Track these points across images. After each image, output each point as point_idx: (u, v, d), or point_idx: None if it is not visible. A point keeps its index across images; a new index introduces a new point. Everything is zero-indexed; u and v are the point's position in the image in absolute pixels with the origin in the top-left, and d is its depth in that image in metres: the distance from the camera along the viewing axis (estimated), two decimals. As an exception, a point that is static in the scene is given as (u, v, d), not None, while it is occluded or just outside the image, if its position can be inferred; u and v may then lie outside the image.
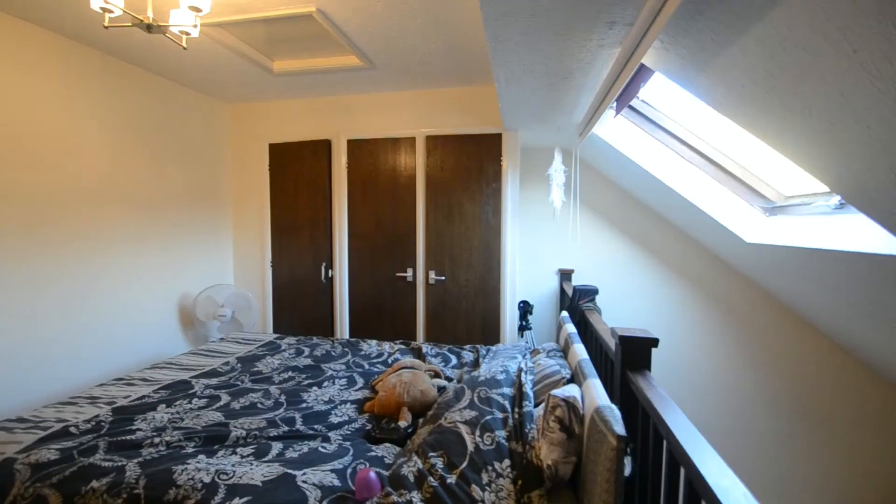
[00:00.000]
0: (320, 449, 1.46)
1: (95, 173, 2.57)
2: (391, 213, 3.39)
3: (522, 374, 1.63)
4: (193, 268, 3.37)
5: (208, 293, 3.21)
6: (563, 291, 3.32)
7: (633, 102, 2.51)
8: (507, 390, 1.54)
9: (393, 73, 2.93)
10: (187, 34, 1.90)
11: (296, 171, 3.56)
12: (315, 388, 2.03)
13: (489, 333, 3.20)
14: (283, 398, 1.90)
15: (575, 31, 1.54)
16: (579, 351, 1.73)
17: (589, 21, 1.44)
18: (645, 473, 1.22)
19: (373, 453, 1.45)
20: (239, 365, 2.31)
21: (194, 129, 3.34)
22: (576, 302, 2.45)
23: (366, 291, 3.48)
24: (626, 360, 1.47)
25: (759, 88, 1.25)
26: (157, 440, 1.49)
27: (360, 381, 2.13)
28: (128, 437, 1.50)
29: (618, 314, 3.24)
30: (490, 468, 1.25)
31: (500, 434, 1.35)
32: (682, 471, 0.93)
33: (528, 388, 1.53)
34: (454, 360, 2.39)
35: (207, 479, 1.24)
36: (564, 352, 1.99)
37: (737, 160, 2.31)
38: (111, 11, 1.67)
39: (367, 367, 2.35)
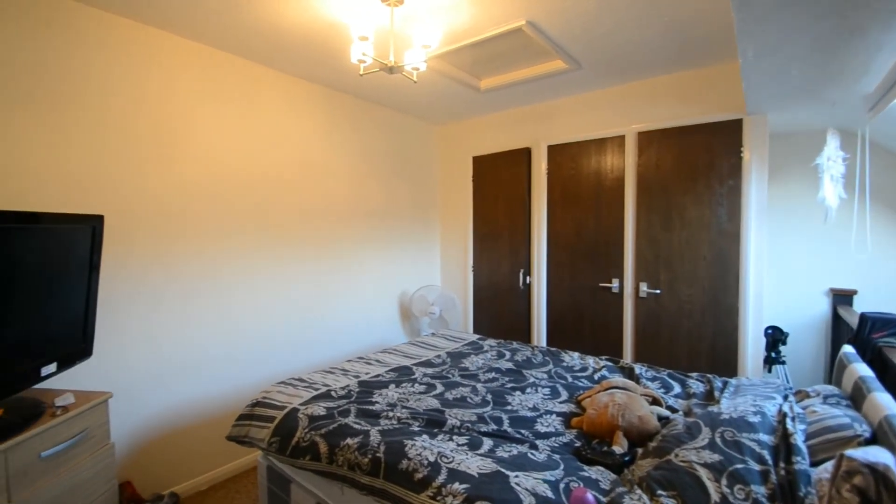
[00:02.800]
0: (529, 455, 1.44)
1: (343, 193, 3.23)
2: (594, 218, 3.19)
3: (788, 421, 1.25)
4: (410, 269, 3.89)
5: (421, 292, 3.64)
6: (837, 318, 2.49)
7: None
8: (765, 437, 1.20)
9: (599, 70, 2.76)
10: (418, 69, 2.20)
11: (496, 180, 3.73)
12: (518, 392, 2.04)
13: (721, 362, 2.64)
14: (489, 397, 1.96)
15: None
16: (885, 402, 1.23)
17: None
18: None
19: (585, 473, 1.34)
20: (449, 359, 2.52)
21: (412, 150, 3.88)
22: (865, 334, 1.79)
23: (564, 300, 3.37)
24: None
25: None
26: (390, 414, 1.73)
27: (565, 394, 2.04)
28: (370, 407, 1.79)
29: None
30: (746, 531, 0.99)
31: (759, 490, 1.05)
32: None
33: (798, 441, 1.17)
34: (677, 389, 2.05)
35: (432, 459, 1.36)
36: (854, 400, 1.45)
37: None
38: (364, 61, 2.06)
39: (570, 379, 2.24)
